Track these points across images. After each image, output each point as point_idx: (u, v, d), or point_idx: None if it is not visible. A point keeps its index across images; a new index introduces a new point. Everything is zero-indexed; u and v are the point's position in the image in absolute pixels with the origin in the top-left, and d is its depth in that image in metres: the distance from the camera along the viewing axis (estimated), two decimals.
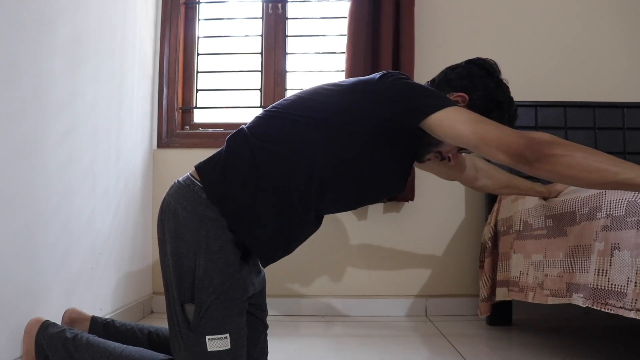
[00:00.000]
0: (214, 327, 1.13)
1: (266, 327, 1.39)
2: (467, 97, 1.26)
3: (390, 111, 1.15)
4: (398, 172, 1.26)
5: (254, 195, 1.16)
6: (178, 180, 1.24)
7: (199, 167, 1.22)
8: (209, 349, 1.12)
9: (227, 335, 1.14)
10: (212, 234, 1.15)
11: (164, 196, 1.24)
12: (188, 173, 1.24)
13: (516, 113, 1.33)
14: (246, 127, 1.24)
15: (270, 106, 1.26)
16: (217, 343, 1.13)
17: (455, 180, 1.59)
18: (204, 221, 1.15)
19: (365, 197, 1.30)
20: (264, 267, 1.29)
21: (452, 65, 1.34)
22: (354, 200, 1.29)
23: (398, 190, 1.31)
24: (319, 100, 1.20)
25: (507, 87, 1.32)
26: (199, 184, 1.19)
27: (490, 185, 1.60)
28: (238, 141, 1.21)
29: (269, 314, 1.43)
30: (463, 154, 1.38)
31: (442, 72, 1.33)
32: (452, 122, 1.10)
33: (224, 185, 1.17)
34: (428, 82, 1.36)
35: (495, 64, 1.32)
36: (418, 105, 1.13)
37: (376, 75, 1.20)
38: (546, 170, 1.05)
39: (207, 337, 1.12)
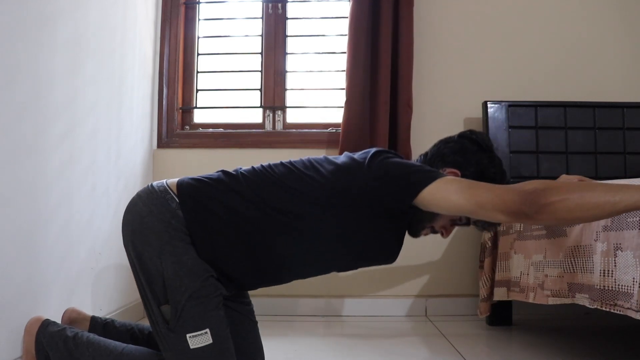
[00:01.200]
0: (193, 325, 1.14)
1: (254, 322, 1.39)
2: (459, 173, 1.28)
3: (382, 192, 1.17)
4: (390, 248, 1.27)
5: (231, 243, 1.20)
6: (152, 185, 1.26)
7: (182, 184, 1.23)
8: (191, 347, 1.14)
9: (207, 330, 1.15)
10: (177, 238, 1.17)
11: (133, 196, 1.26)
12: (164, 181, 1.26)
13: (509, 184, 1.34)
14: (241, 173, 1.25)
15: (268, 164, 1.28)
16: (198, 339, 1.14)
17: None
18: (169, 228, 1.18)
19: (352, 266, 1.34)
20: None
21: (445, 139, 1.35)
22: (337, 269, 1.35)
23: (387, 263, 1.32)
24: (314, 177, 1.21)
25: (500, 162, 1.33)
26: (172, 193, 1.21)
27: None
28: (231, 181, 1.23)
29: (268, 314, 1.43)
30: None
31: (435, 145, 1.35)
32: (444, 193, 1.12)
33: (204, 225, 1.19)
34: (421, 155, 1.37)
35: (488, 138, 1.33)
36: (408, 183, 1.15)
37: (368, 154, 1.23)
38: (549, 220, 1.05)
39: (187, 335, 1.14)
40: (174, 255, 1.16)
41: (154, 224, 1.18)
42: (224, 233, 1.19)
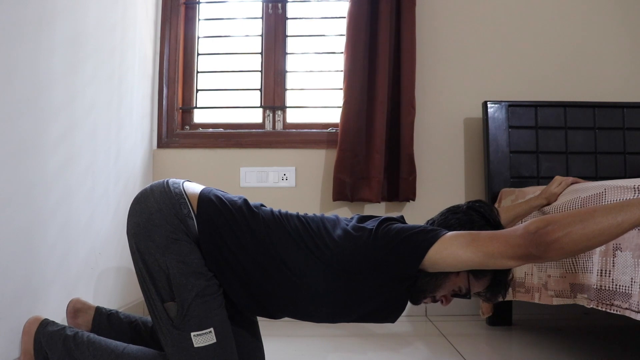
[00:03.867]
0: (198, 324, 1.16)
1: (254, 321, 1.40)
2: None
3: (389, 260, 1.18)
4: (393, 312, 1.27)
5: (234, 274, 1.21)
6: (167, 183, 1.26)
7: (204, 202, 1.23)
8: (195, 345, 1.15)
9: (212, 329, 1.16)
10: (183, 240, 1.19)
11: (145, 187, 1.27)
12: (181, 184, 1.26)
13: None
14: (262, 217, 1.25)
15: (285, 213, 1.29)
16: (203, 339, 1.15)
17: None
18: (176, 229, 1.19)
19: (351, 321, 1.35)
20: None
21: (453, 208, 1.34)
22: (335, 322, 1.35)
23: (387, 322, 1.32)
24: (326, 241, 1.22)
25: None
26: (187, 200, 1.22)
27: None
28: (248, 227, 1.23)
29: None
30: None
31: (443, 214, 1.34)
32: (450, 249, 1.12)
33: (213, 247, 1.21)
34: (428, 221, 1.37)
35: (495, 211, 1.32)
36: (413, 247, 1.15)
37: (374, 223, 1.24)
38: (558, 256, 1.05)
39: (192, 333, 1.15)
40: (179, 255, 1.17)
41: (161, 223, 1.19)
42: (230, 264, 1.21)
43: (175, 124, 2.50)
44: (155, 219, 1.19)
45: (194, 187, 1.28)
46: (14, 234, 1.31)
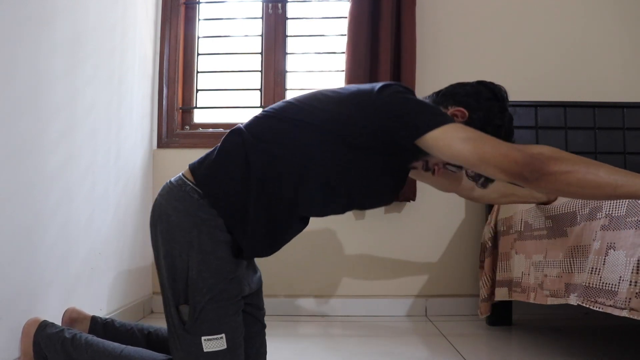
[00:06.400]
0: (209, 328, 1.14)
1: (264, 326, 1.39)
2: (466, 113, 1.22)
3: (386, 126, 1.14)
4: (389, 183, 1.25)
5: (244, 191, 1.16)
6: (170, 181, 1.24)
7: (193, 166, 1.22)
8: (205, 350, 1.13)
9: (223, 335, 1.14)
10: (205, 234, 1.16)
11: (155, 197, 1.25)
12: (180, 173, 1.25)
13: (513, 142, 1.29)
14: (243, 126, 1.23)
15: (269, 107, 1.27)
16: (213, 343, 1.14)
17: (451, 191, 1.56)
18: (196, 222, 1.16)
19: (354, 204, 1.29)
20: (248, 259, 1.28)
21: (462, 82, 1.32)
22: (342, 206, 1.27)
23: (387, 202, 1.30)
24: (317, 106, 1.19)
25: (511, 118, 1.27)
26: (190, 184, 1.19)
27: (486, 195, 1.57)
28: (232, 138, 1.21)
29: (268, 314, 1.43)
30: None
31: (451, 85, 1.31)
32: (449, 140, 1.09)
33: (216, 180, 1.17)
34: (434, 93, 1.32)
35: (506, 92, 1.28)
36: (414, 123, 1.12)
37: (376, 86, 1.19)
38: (545, 188, 1.04)
39: (203, 337, 1.13)
40: (200, 253, 1.14)
41: (181, 221, 1.16)
42: (238, 195, 1.16)
43: (175, 124, 2.50)
44: (174, 220, 1.17)
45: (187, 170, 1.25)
46: (14, 233, 1.31)
